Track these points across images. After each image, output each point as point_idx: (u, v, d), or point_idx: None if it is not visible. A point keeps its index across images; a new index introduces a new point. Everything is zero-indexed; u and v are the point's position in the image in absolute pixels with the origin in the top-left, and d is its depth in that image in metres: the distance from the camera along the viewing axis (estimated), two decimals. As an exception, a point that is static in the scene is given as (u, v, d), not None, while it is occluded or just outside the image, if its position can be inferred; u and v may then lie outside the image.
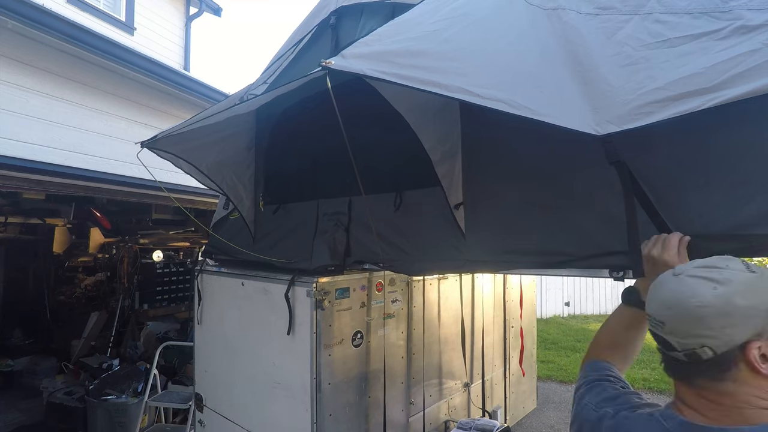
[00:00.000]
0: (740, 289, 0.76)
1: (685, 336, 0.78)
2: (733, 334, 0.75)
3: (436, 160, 1.79)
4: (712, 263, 0.82)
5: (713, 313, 0.76)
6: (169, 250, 6.65)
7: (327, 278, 2.23)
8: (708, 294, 0.77)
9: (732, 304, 0.75)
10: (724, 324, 0.75)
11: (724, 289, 0.76)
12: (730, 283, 0.77)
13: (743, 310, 0.75)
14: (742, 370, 0.76)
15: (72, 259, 6.93)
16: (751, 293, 0.76)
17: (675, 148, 1.30)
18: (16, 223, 6.28)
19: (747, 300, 0.76)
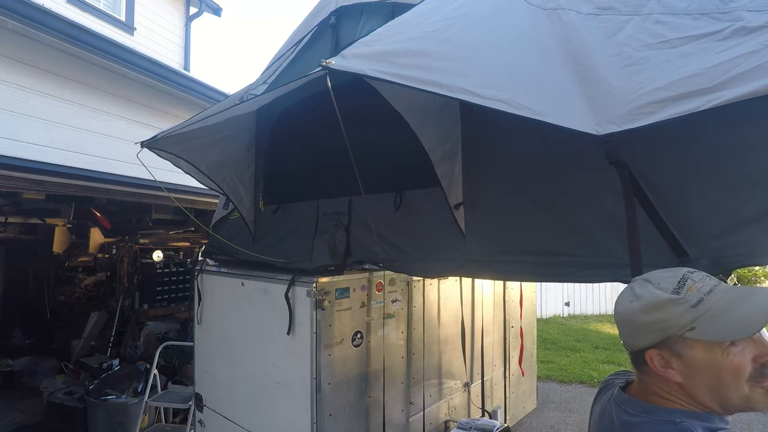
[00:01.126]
0: (644, 308, 0.91)
1: (624, 335, 0.97)
2: (638, 340, 0.93)
3: (436, 161, 1.79)
4: (652, 277, 0.94)
5: (623, 321, 0.95)
6: (169, 250, 6.65)
7: (327, 278, 2.23)
8: (624, 304, 0.95)
9: (634, 317, 0.92)
10: (630, 331, 0.94)
11: (635, 304, 0.92)
12: (641, 299, 0.92)
13: (642, 325, 0.91)
14: (648, 368, 0.93)
15: (72, 259, 6.92)
16: (653, 313, 0.89)
17: (675, 149, 1.30)
18: (16, 223, 6.28)
19: (647, 317, 0.90)
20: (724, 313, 0.85)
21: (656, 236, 1.31)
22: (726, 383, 0.86)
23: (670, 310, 0.88)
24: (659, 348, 0.90)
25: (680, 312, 0.87)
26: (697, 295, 0.87)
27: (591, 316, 11.26)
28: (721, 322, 0.84)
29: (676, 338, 0.88)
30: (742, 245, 1.19)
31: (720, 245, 1.22)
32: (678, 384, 0.90)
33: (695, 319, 0.85)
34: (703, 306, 0.86)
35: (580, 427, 4.70)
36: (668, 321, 0.88)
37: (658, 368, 0.91)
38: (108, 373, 4.73)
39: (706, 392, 0.88)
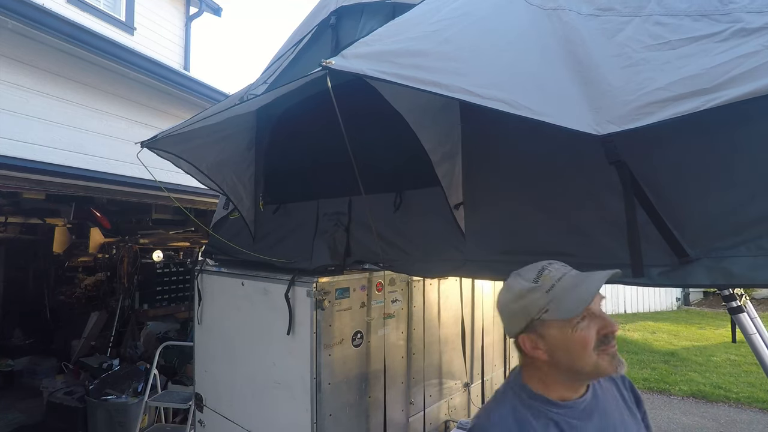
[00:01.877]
0: (513, 298, 1.07)
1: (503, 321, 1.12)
2: (512, 328, 1.09)
3: (436, 161, 1.79)
4: (522, 271, 1.09)
5: (501, 312, 1.11)
6: (169, 250, 6.65)
7: (327, 278, 2.23)
8: (501, 297, 1.10)
9: (506, 307, 1.09)
10: (507, 320, 1.10)
11: (507, 295, 1.09)
12: (511, 290, 1.08)
13: (513, 313, 1.07)
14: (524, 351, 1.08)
15: (72, 259, 6.93)
16: (518, 301, 1.05)
17: (675, 149, 1.30)
18: (16, 223, 6.28)
19: (514, 306, 1.06)
20: (567, 294, 1.02)
21: (656, 236, 1.31)
22: (578, 354, 1.02)
23: (529, 296, 1.04)
24: (528, 332, 1.06)
25: (537, 297, 1.03)
26: (550, 282, 1.03)
27: (591, 316, 11.25)
28: (564, 302, 1.01)
29: (537, 321, 1.04)
30: (743, 246, 1.18)
31: (721, 246, 1.22)
32: (545, 362, 1.05)
33: (548, 302, 1.02)
34: (554, 290, 1.02)
35: (580, 427, 4.70)
36: (529, 306, 1.04)
37: (529, 350, 1.06)
38: (108, 373, 4.73)
39: (565, 365, 1.04)
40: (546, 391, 1.07)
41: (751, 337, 1.67)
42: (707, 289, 12.12)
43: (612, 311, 11.80)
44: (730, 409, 5.24)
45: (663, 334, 9.09)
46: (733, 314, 1.68)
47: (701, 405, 5.39)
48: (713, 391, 5.72)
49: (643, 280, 1.33)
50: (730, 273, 1.19)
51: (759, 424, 4.85)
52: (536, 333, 1.04)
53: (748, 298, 1.73)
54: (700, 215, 1.26)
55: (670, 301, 12.69)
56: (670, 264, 1.30)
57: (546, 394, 1.07)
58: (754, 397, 5.44)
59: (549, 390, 1.07)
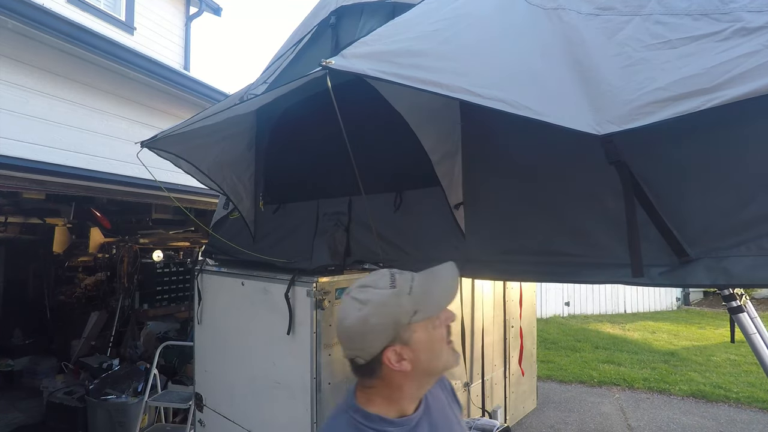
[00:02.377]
0: (375, 310, 0.94)
1: (347, 349, 0.99)
2: (373, 346, 0.94)
3: (436, 160, 1.79)
4: (369, 282, 0.99)
5: (357, 333, 0.95)
6: (169, 250, 6.65)
7: (327, 278, 2.23)
8: (353, 315, 0.95)
9: (368, 324, 0.94)
10: (364, 340, 0.95)
11: (365, 310, 0.94)
12: (369, 303, 0.95)
13: (377, 327, 0.94)
14: (384, 369, 0.96)
15: (72, 258, 6.93)
16: (383, 311, 0.94)
17: (675, 149, 1.30)
18: (16, 223, 6.28)
19: (379, 318, 0.94)
20: (430, 291, 0.99)
21: (656, 236, 1.31)
22: (438, 352, 0.99)
23: (394, 302, 0.95)
24: (392, 344, 0.95)
25: (403, 302, 0.95)
26: (407, 284, 0.97)
27: (591, 316, 11.27)
28: (431, 300, 0.98)
29: (404, 328, 0.95)
30: (743, 246, 1.18)
31: (721, 246, 1.22)
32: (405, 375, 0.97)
33: (415, 303, 0.96)
34: (414, 291, 0.97)
35: (580, 427, 4.71)
36: (396, 313, 0.95)
37: (394, 365, 0.95)
38: (108, 373, 4.73)
39: (425, 369, 0.99)
40: (387, 409, 1.00)
41: (751, 336, 1.67)
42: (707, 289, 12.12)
43: (612, 311, 11.81)
44: (730, 409, 5.24)
45: (663, 334, 9.09)
46: (733, 314, 1.68)
47: (701, 405, 5.39)
48: (713, 391, 5.72)
49: (643, 280, 1.33)
50: (730, 273, 1.19)
51: (759, 424, 4.85)
52: (402, 342, 0.95)
53: (748, 298, 1.73)
54: (700, 215, 1.26)
55: (670, 301, 12.70)
56: (670, 264, 1.29)
57: (385, 413, 0.99)
58: (754, 397, 5.44)
59: (391, 407, 1.00)
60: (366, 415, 0.98)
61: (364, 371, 0.99)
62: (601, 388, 6.00)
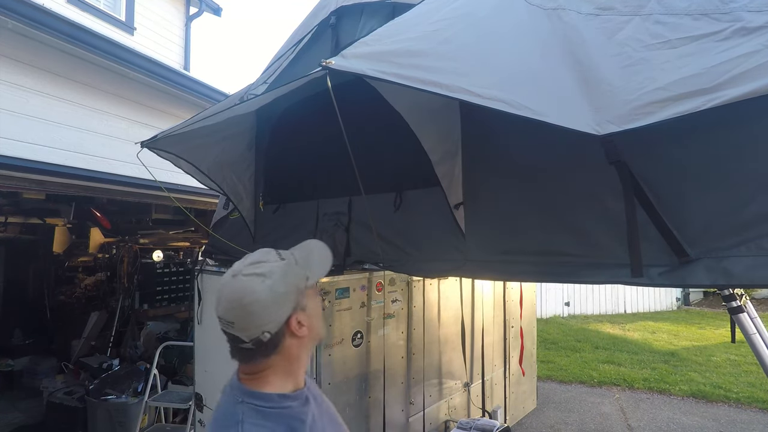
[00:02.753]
0: (279, 279, 0.96)
1: (251, 329, 0.93)
2: (281, 314, 0.95)
3: (436, 160, 1.79)
4: (257, 258, 1.00)
5: (267, 304, 0.94)
6: (169, 250, 6.64)
7: (327, 278, 2.23)
8: (260, 288, 0.94)
9: (277, 292, 0.95)
10: (275, 309, 0.95)
11: (270, 281, 0.95)
12: (273, 274, 0.96)
13: (284, 295, 0.96)
14: (287, 340, 0.97)
15: (72, 259, 6.93)
16: (286, 279, 0.97)
17: (675, 149, 1.30)
18: (16, 223, 6.28)
19: (285, 286, 0.96)
20: (310, 259, 1.05)
21: (656, 236, 1.31)
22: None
23: (292, 270, 1.00)
24: (295, 312, 0.98)
25: (297, 269, 1.00)
26: (291, 256, 1.03)
27: (591, 316, 11.27)
28: (314, 265, 1.04)
29: (302, 294, 1.00)
30: (743, 246, 1.18)
31: (721, 246, 1.22)
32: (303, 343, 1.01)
33: (305, 269, 1.02)
34: (300, 261, 1.03)
35: (580, 427, 4.71)
36: (296, 280, 0.99)
37: (299, 331, 0.98)
38: (108, 373, 4.73)
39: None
40: (284, 385, 0.99)
41: (751, 337, 1.67)
42: (707, 289, 12.12)
43: (612, 311, 11.81)
44: (730, 409, 5.24)
45: (663, 334, 9.09)
46: (733, 314, 1.68)
47: (701, 405, 5.39)
48: (713, 391, 5.72)
49: (643, 280, 1.33)
50: (730, 273, 1.19)
51: (759, 424, 4.85)
52: (301, 308, 0.99)
53: (748, 298, 1.73)
54: (700, 215, 1.26)
55: (670, 301, 12.70)
56: (670, 264, 1.29)
57: (283, 389, 0.98)
58: (754, 397, 5.44)
59: (288, 382, 1.00)
60: (265, 397, 0.96)
61: (265, 349, 0.96)
62: (601, 388, 6.00)
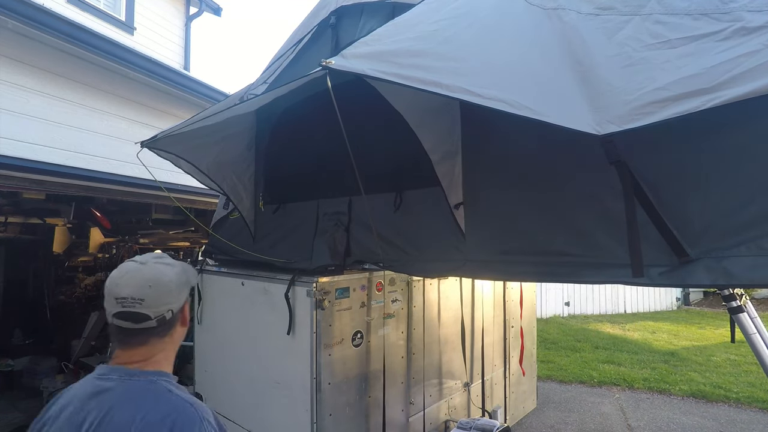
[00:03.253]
0: (182, 269, 1.15)
1: (160, 306, 1.07)
2: (181, 299, 1.12)
3: (436, 160, 1.79)
4: (159, 254, 1.17)
5: (174, 287, 1.10)
6: (169, 250, 6.64)
7: (327, 278, 2.23)
8: (170, 272, 1.11)
9: (181, 279, 1.13)
10: (178, 293, 1.11)
11: (177, 268, 1.14)
12: (176, 266, 1.14)
13: (185, 283, 1.14)
14: (178, 326, 1.14)
15: (72, 259, 6.92)
16: (184, 273, 1.15)
17: (675, 149, 1.30)
18: (16, 223, 6.28)
19: (187, 276, 1.16)
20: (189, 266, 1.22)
21: (656, 236, 1.31)
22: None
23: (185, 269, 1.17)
24: (186, 302, 1.15)
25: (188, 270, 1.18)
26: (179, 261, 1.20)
27: (591, 316, 11.26)
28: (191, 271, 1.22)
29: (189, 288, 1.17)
30: (743, 246, 1.18)
31: (721, 246, 1.22)
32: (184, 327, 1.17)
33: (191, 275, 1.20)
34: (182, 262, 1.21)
35: (580, 427, 4.71)
36: (188, 278, 1.16)
37: (185, 320, 1.16)
38: (108, 373, 4.72)
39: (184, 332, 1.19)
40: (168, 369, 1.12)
41: (751, 336, 1.66)
42: (707, 289, 12.12)
43: (612, 311, 11.80)
44: (730, 409, 5.24)
45: (663, 334, 9.09)
46: (733, 314, 1.68)
47: (701, 405, 5.39)
48: (713, 391, 5.72)
49: (643, 280, 1.33)
50: (730, 273, 1.19)
51: (759, 424, 4.85)
52: (187, 301, 1.17)
53: (748, 298, 1.73)
54: (700, 215, 1.26)
55: (670, 301, 12.70)
56: (670, 264, 1.29)
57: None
58: (754, 397, 5.44)
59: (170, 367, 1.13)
60: (170, 375, 1.09)
61: (162, 330, 1.08)
62: (601, 388, 5.99)
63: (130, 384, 1.04)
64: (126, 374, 1.05)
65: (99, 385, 1.05)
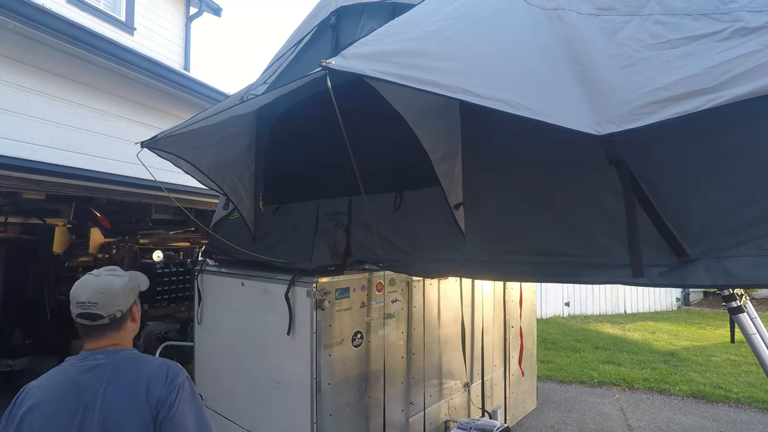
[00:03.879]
0: (129, 279, 1.49)
1: (111, 308, 1.40)
2: (128, 301, 1.46)
3: (436, 160, 1.79)
4: (111, 268, 1.52)
5: (121, 292, 1.43)
6: (169, 250, 6.64)
7: (327, 278, 2.23)
8: (119, 281, 1.45)
9: (129, 285, 1.48)
10: (125, 297, 1.44)
11: (123, 280, 1.47)
12: (124, 277, 1.49)
13: (131, 290, 1.48)
14: (129, 320, 1.48)
15: (72, 259, 6.92)
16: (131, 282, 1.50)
17: (675, 149, 1.30)
18: (16, 223, 6.27)
19: (132, 284, 1.50)
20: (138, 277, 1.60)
21: (656, 236, 1.31)
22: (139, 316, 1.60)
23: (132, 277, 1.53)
24: (135, 303, 1.52)
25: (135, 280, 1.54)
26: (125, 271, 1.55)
27: (591, 316, 11.27)
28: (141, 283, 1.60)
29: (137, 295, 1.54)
30: (743, 246, 1.18)
31: (721, 246, 1.22)
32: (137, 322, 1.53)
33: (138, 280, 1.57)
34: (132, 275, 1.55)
35: (580, 427, 4.71)
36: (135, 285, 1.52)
37: (136, 315, 1.52)
38: (108, 373, 4.71)
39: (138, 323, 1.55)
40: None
41: (751, 337, 1.66)
42: (707, 289, 12.12)
43: (612, 311, 11.81)
44: (730, 409, 5.24)
45: (663, 334, 9.09)
46: (733, 314, 1.68)
47: (701, 405, 5.39)
48: (713, 391, 5.72)
49: (643, 280, 1.33)
50: (730, 273, 1.19)
51: (759, 424, 4.85)
52: (136, 303, 1.53)
53: (748, 298, 1.73)
54: (700, 215, 1.26)
55: (670, 301, 12.71)
56: (670, 264, 1.29)
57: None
58: (754, 397, 5.44)
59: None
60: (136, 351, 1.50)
61: (116, 325, 1.43)
62: (601, 388, 5.99)
63: (118, 355, 1.40)
64: (109, 351, 1.40)
65: (86, 364, 1.36)
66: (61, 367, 1.38)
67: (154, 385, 1.32)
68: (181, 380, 1.36)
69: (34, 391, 1.33)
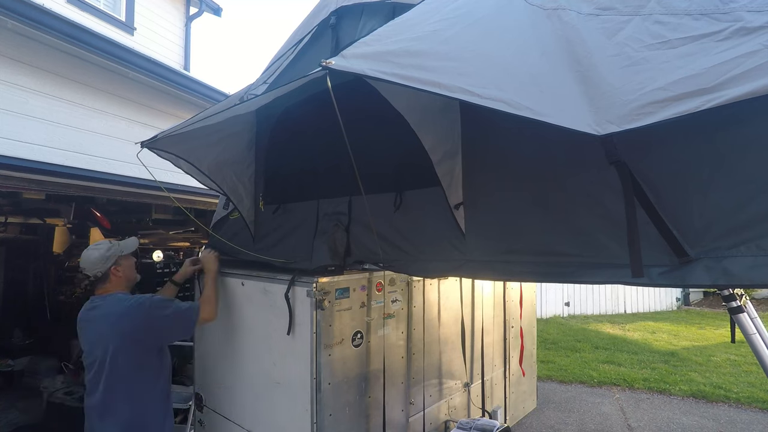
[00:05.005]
0: (104, 251, 2.30)
1: (92, 269, 2.28)
2: (106, 266, 2.29)
3: (437, 160, 1.79)
4: (97, 243, 2.35)
5: (99, 259, 2.28)
6: (169, 250, 6.64)
7: (327, 278, 2.23)
8: (95, 253, 2.28)
9: (104, 255, 2.29)
10: (101, 263, 2.29)
11: (99, 252, 2.29)
12: (101, 249, 2.31)
13: (107, 258, 2.30)
14: (112, 277, 2.32)
15: (72, 259, 6.91)
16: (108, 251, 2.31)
17: (675, 149, 1.30)
18: (16, 223, 6.28)
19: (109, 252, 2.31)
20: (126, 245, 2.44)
21: (656, 236, 1.31)
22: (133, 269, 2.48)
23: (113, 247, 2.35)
24: (115, 265, 2.32)
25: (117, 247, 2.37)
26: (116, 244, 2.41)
27: (591, 316, 11.27)
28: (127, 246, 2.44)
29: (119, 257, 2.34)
30: (743, 246, 1.18)
31: (721, 245, 1.22)
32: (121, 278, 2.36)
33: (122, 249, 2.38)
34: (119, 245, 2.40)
35: (580, 427, 4.71)
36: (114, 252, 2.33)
37: (116, 275, 2.33)
38: (108, 373, 4.71)
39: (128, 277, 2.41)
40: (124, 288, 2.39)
41: (751, 337, 1.67)
42: (707, 289, 12.13)
43: (612, 311, 11.81)
44: (730, 409, 5.25)
45: (663, 334, 9.09)
46: (733, 314, 1.68)
47: (701, 405, 5.40)
48: (713, 391, 5.72)
49: (643, 280, 1.33)
50: (730, 273, 1.19)
51: (759, 424, 4.85)
52: (118, 264, 2.33)
53: (748, 298, 1.73)
54: (700, 215, 1.26)
55: (670, 301, 12.71)
56: (669, 264, 1.29)
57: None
58: (754, 397, 5.44)
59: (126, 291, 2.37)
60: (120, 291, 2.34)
61: (101, 280, 2.31)
62: (601, 388, 6.00)
63: (107, 299, 2.27)
64: (104, 297, 2.28)
65: (93, 305, 2.28)
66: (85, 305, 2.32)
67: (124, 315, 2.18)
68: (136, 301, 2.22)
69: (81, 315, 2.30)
